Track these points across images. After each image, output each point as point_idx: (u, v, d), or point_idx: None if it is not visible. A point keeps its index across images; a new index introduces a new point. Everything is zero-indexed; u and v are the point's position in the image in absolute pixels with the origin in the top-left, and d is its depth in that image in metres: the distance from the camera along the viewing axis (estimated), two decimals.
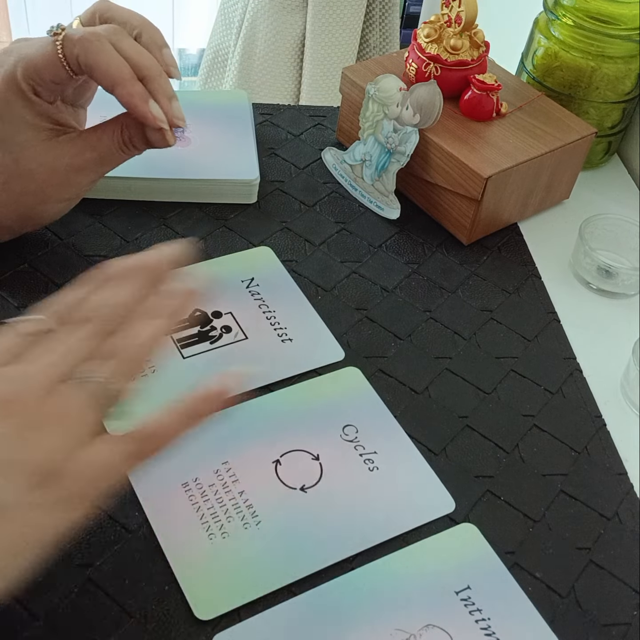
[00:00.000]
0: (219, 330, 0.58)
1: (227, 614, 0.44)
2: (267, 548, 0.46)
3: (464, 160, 0.63)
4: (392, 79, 0.66)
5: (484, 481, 0.52)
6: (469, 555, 0.48)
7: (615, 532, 0.50)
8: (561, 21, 0.72)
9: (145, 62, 0.53)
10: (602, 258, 0.65)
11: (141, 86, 0.53)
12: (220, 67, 1.70)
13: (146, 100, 0.53)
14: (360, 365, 0.57)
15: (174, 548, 0.46)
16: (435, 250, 0.67)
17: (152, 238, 0.64)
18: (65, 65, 0.52)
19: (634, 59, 0.71)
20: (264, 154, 0.73)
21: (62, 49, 0.52)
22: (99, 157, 0.55)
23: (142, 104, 0.53)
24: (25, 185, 0.54)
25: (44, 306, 0.40)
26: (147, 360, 0.41)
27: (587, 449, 0.54)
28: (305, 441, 0.52)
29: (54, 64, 0.52)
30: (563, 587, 0.47)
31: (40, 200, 0.56)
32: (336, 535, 0.47)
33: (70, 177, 0.55)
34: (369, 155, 0.68)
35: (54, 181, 0.55)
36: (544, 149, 0.66)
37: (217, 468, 0.50)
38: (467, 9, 0.65)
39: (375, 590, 0.45)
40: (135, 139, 0.56)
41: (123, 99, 0.53)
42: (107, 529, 0.47)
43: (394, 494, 0.50)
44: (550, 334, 0.61)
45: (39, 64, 0.52)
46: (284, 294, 0.61)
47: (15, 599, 0.43)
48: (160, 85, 0.54)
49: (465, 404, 0.56)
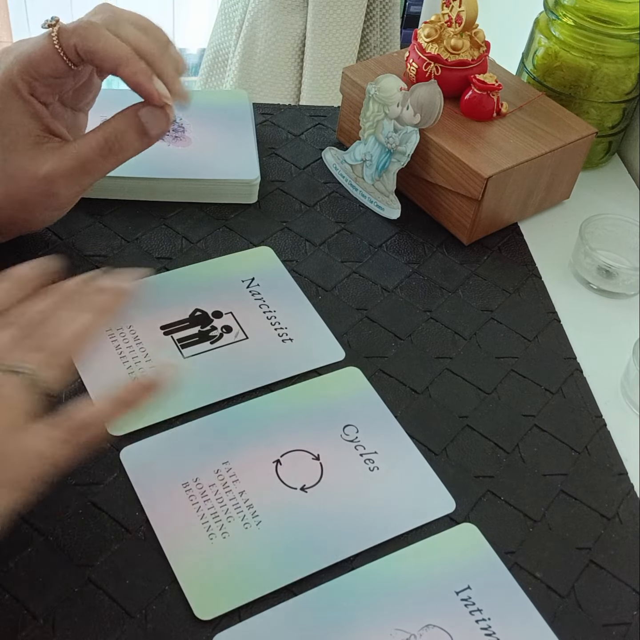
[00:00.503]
0: (219, 330, 0.58)
1: (227, 614, 0.44)
2: (267, 548, 0.46)
3: (464, 160, 0.63)
4: (393, 78, 0.66)
5: (484, 481, 0.52)
6: (469, 555, 0.48)
7: (615, 532, 0.50)
8: (561, 21, 0.72)
9: (146, 44, 0.53)
10: (602, 258, 0.65)
11: (144, 64, 0.52)
12: (220, 67, 1.70)
13: (150, 78, 0.52)
14: (360, 365, 0.57)
15: (174, 548, 0.46)
16: (436, 250, 0.67)
17: (152, 238, 0.64)
18: (63, 55, 0.51)
19: (634, 58, 0.71)
20: (264, 154, 0.73)
21: (58, 40, 0.51)
22: (80, 165, 0.54)
23: (147, 81, 0.52)
24: (9, 190, 0.54)
25: None
26: (76, 352, 0.42)
27: (587, 449, 0.54)
28: (306, 441, 0.52)
29: (51, 56, 0.51)
30: (563, 587, 0.47)
31: (23, 208, 0.55)
32: (336, 535, 0.47)
33: (50, 187, 0.54)
34: (370, 155, 0.68)
35: (34, 190, 0.54)
36: (545, 149, 0.66)
37: (218, 468, 0.50)
38: (467, 8, 0.65)
39: (375, 590, 0.45)
40: (122, 143, 0.54)
41: (127, 78, 0.52)
42: (107, 529, 0.47)
43: (394, 494, 0.50)
44: (550, 334, 0.61)
45: (35, 58, 0.52)
46: (285, 294, 0.61)
47: (15, 598, 0.43)
48: (164, 63, 0.53)
49: (465, 404, 0.56)
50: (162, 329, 0.57)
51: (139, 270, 0.47)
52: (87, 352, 0.42)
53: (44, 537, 0.46)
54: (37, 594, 0.44)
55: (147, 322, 0.57)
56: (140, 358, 0.55)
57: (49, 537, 0.46)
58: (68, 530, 0.46)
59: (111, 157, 0.54)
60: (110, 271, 0.46)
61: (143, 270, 0.46)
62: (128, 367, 0.54)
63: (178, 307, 0.59)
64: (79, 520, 0.47)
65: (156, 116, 0.54)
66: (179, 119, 0.71)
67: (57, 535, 0.46)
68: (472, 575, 0.47)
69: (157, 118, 0.54)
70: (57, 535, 0.46)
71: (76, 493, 0.48)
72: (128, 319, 0.57)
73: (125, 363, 0.55)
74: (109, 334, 0.56)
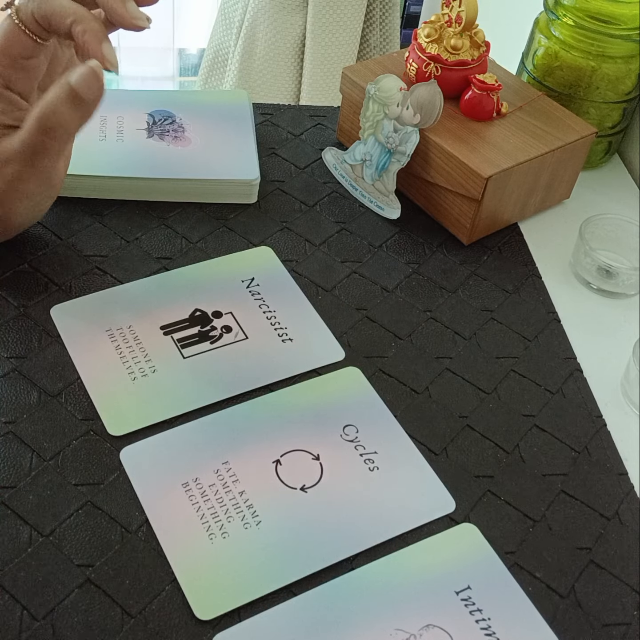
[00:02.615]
0: (219, 330, 0.58)
1: (227, 614, 0.44)
2: (267, 548, 0.46)
3: (464, 160, 0.63)
4: (393, 78, 0.66)
5: (484, 481, 0.52)
6: (469, 555, 0.48)
7: (615, 532, 0.50)
8: (561, 21, 0.72)
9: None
10: (603, 258, 0.65)
11: (97, 24, 0.51)
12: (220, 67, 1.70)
13: (100, 40, 0.51)
14: (360, 365, 0.57)
15: (174, 548, 0.46)
16: (436, 250, 0.67)
17: (152, 238, 0.64)
18: (26, 30, 0.51)
19: (634, 58, 0.71)
20: (264, 154, 0.73)
21: (18, 16, 0.51)
22: (29, 150, 0.52)
23: (95, 43, 0.50)
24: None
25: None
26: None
27: (587, 449, 0.54)
28: (306, 441, 0.52)
29: (16, 34, 0.51)
30: (563, 587, 0.47)
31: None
32: (336, 535, 0.47)
33: (12, 183, 0.53)
34: (370, 155, 0.68)
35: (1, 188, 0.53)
36: (545, 149, 0.66)
37: (218, 468, 0.50)
38: (467, 8, 0.65)
39: (375, 590, 0.45)
40: (58, 116, 0.51)
41: (77, 38, 0.50)
42: (107, 529, 0.47)
43: (394, 494, 0.50)
44: (550, 334, 0.61)
45: (2, 43, 0.51)
46: (284, 294, 0.61)
47: (15, 599, 0.43)
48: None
49: (465, 403, 0.56)
50: (162, 329, 0.57)
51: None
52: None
53: (44, 537, 0.46)
54: (37, 594, 0.44)
55: (146, 322, 0.57)
56: (140, 358, 0.55)
57: (49, 537, 0.46)
58: (68, 530, 0.46)
59: (51, 134, 0.51)
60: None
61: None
62: (128, 367, 0.54)
63: (178, 307, 0.59)
64: (79, 520, 0.47)
65: (88, 80, 0.50)
66: (179, 119, 0.71)
67: (57, 535, 0.46)
68: (472, 575, 0.47)
69: (89, 82, 0.50)
70: (57, 535, 0.46)
71: (76, 493, 0.48)
72: (128, 319, 0.57)
73: (125, 363, 0.55)
74: (108, 334, 0.56)
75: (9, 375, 0.53)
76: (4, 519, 0.46)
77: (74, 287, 0.59)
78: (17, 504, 0.47)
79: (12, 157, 0.52)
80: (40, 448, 0.50)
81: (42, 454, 0.49)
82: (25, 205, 0.56)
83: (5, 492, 0.47)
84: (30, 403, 0.52)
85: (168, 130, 0.70)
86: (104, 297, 0.59)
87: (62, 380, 0.53)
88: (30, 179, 0.54)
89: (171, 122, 0.71)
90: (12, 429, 0.50)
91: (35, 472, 0.49)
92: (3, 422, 0.51)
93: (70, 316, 0.57)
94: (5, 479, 0.48)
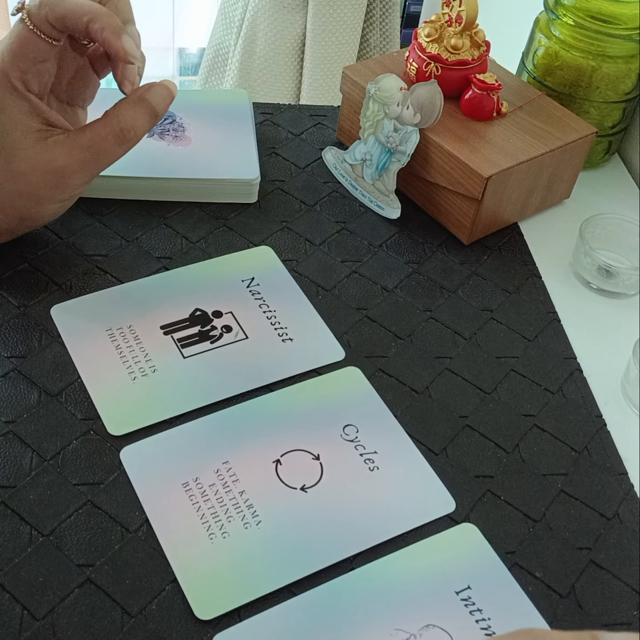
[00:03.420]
0: (219, 329, 0.58)
1: (227, 614, 0.44)
2: (267, 548, 0.46)
3: (464, 159, 0.63)
4: (393, 78, 0.66)
5: (484, 481, 0.52)
6: (469, 555, 0.48)
7: (615, 532, 0.50)
8: (562, 20, 0.72)
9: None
10: (603, 258, 0.65)
11: (115, 20, 0.51)
12: (220, 67, 1.70)
13: (119, 35, 0.51)
14: (360, 365, 0.57)
15: (174, 548, 0.46)
16: (436, 249, 0.67)
17: (152, 238, 0.64)
18: (39, 33, 0.51)
19: (634, 58, 0.71)
20: (264, 154, 0.73)
21: (30, 19, 0.51)
22: (92, 155, 0.54)
23: (115, 38, 0.51)
24: (19, 187, 0.54)
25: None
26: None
27: (587, 449, 0.54)
28: (306, 441, 0.52)
29: (30, 38, 0.51)
30: (563, 587, 0.47)
31: (34, 203, 0.55)
32: (336, 535, 0.47)
33: (63, 180, 0.54)
34: (370, 154, 0.68)
35: (46, 184, 0.54)
36: (545, 149, 0.66)
37: (218, 468, 0.50)
38: (467, 8, 0.65)
39: (375, 590, 0.45)
40: (137, 129, 0.55)
41: (96, 35, 0.51)
42: (107, 529, 0.47)
43: (394, 493, 0.50)
44: (550, 333, 0.61)
45: (17, 48, 0.52)
46: (285, 294, 0.61)
47: (15, 599, 0.43)
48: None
49: (465, 403, 0.56)
50: (162, 329, 0.57)
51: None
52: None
53: (44, 537, 0.46)
54: (37, 594, 0.44)
55: (147, 322, 0.57)
56: (140, 358, 0.55)
57: (49, 537, 0.46)
58: (68, 530, 0.46)
59: (126, 144, 0.55)
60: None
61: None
62: (128, 367, 0.54)
63: (178, 307, 0.59)
64: (79, 520, 0.47)
65: (160, 94, 0.55)
66: (179, 118, 0.71)
67: (57, 535, 0.46)
68: (472, 575, 0.47)
69: (161, 95, 0.55)
70: (57, 535, 0.46)
71: (76, 493, 0.48)
72: (128, 318, 0.57)
73: (125, 363, 0.55)
74: (109, 333, 0.56)
75: (9, 375, 0.53)
76: (4, 518, 0.46)
77: (74, 286, 0.59)
78: (17, 504, 0.47)
79: (72, 161, 0.54)
80: (40, 448, 0.50)
81: (42, 453, 0.49)
82: (58, 207, 0.57)
83: (6, 492, 0.47)
84: (31, 403, 0.52)
85: (168, 130, 0.70)
86: (104, 297, 0.59)
87: (62, 380, 0.53)
88: (78, 183, 0.56)
89: (171, 121, 0.71)
90: (12, 429, 0.50)
91: (35, 471, 0.49)
92: (3, 422, 0.51)
93: (70, 316, 0.57)
94: (5, 479, 0.48)
